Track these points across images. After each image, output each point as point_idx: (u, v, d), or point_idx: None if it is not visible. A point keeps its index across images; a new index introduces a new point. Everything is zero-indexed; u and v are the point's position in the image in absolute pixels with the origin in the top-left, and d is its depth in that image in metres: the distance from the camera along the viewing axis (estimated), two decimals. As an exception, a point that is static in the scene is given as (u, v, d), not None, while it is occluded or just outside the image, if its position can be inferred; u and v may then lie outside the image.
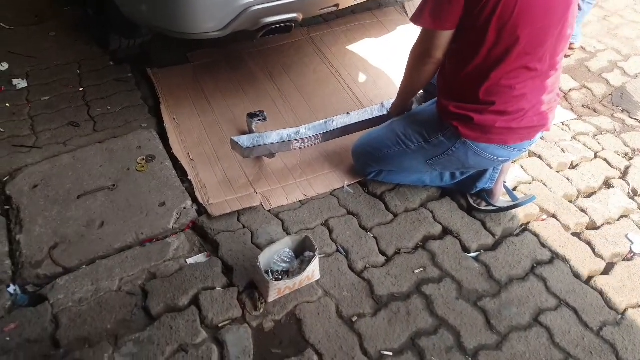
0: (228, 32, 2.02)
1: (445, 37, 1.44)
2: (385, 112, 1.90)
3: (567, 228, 1.79)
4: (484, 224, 1.77)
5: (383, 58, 2.54)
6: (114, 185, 1.89)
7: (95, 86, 2.46)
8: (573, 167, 2.07)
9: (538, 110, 1.50)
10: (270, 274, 1.51)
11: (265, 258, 1.51)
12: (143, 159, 2.00)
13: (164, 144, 2.09)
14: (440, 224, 1.77)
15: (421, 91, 1.81)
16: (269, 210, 1.80)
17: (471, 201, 1.82)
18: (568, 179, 1.99)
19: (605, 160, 2.11)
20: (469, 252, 1.69)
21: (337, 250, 1.67)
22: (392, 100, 1.87)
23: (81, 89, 2.45)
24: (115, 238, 1.70)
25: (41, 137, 2.12)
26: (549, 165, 2.04)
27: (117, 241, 1.69)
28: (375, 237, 1.71)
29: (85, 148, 2.06)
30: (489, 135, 1.50)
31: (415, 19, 1.46)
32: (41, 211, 1.78)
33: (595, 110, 2.41)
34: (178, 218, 1.77)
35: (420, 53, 1.53)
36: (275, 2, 1.94)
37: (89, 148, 2.06)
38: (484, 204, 1.79)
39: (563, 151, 2.10)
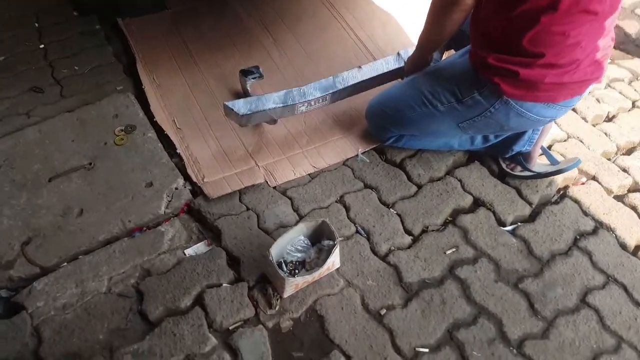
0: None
1: None
2: (403, 64, 1.63)
3: (609, 191, 1.60)
4: (519, 192, 1.57)
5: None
6: (90, 164, 1.63)
7: (59, 42, 2.12)
8: (610, 119, 1.85)
9: (593, 58, 1.26)
10: (283, 265, 1.30)
11: (277, 248, 1.30)
12: (122, 130, 1.72)
13: (145, 110, 1.80)
14: (471, 194, 1.56)
15: None
16: (274, 188, 1.57)
17: (504, 166, 1.60)
18: (606, 134, 1.78)
19: (644, 109, 1.89)
20: (505, 226, 1.50)
21: (357, 232, 1.46)
22: (410, 51, 1.60)
23: (42, 45, 2.11)
24: (99, 228, 1.46)
25: (-1, 107, 1.82)
26: (583, 119, 1.82)
27: (101, 232, 1.45)
28: (398, 214, 1.50)
29: (52, 119, 1.77)
30: (536, 93, 1.26)
31: None
32: (7, 199, 1.52)
33: (628, 52, 2.16)
34: (170, 201, 1.53)
35: None
36: None
37: (57, 119, 1.77)
38: (519, 168, 1.57)
39: (598, 101, 1.88)
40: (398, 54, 1.65)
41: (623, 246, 1.47)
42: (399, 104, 1.50)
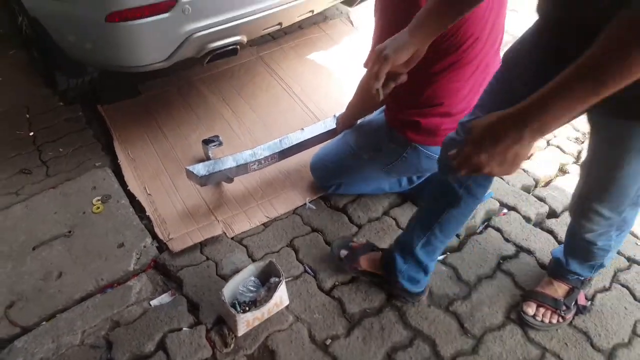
0: (174, 61, 1.98)
1: None
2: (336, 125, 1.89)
3: (528, 219, 1.80)
4: (448, 226, 1.77)
5: (333, 69, 2.53)
6: (69, 232, 1.83)
7: (46, 129, 2.39)
8: (528, 157, 2.08)
9: None
10: (237, 306, 1.47)
11: (230, 290, 1.47)
12: (99, 200, 1.94)
13: (120, 181, 2.03)
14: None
15: None
16: (232, 238, 1.76)
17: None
18: (524, 170, 2.00)
19: (557, 147, 2.13)
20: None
21: (305, 271, 1.64)
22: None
23: (31, 133, 2.37)
24: (75, 288, 1.63)
25: (-9, 189, 2.04)
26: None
27: (77, 291, 1.62)
28: (341, 253, 1.69)
29: (37, 196, 1.99)
30: (436, 138, 1.49)
31: None
32: (-5, 269, 1.71)
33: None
34: (138, 258, 1.72)
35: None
36: (216, 27, 1.91)
37: (41, 195, 1.99)
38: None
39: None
40: (334, 115, 1.92)
41: (542, 266, 1.65)
42: (335, 157, 1.75)
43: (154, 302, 1.58)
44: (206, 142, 2.04)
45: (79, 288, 1.63)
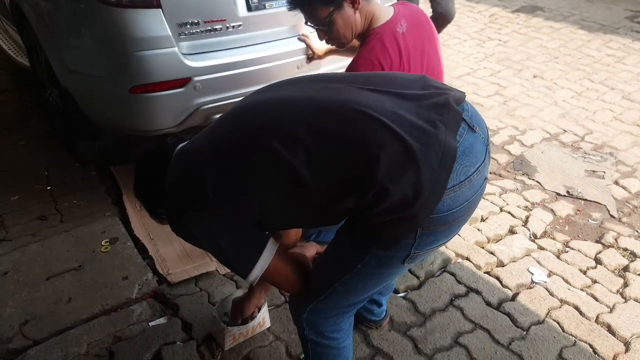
0: (183, 127, 2.38)
1: None
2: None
3: (478, 267, 2.12)
4: (410, 270, 2.07)
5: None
6: (80, 266, 2.09)
7: (62, 184, 2.71)
8: (483, 220, 2.45)
9: None
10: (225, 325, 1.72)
11: (220, 311, 1.72)
12: (107, 241, 2.23)
13: (126, 227, 2.33)
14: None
15: None
16: (224, 275, 2.03)
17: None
18: (479, 229, 2.36)
19: (509, 212, 2.51)
20: (398, 293, 1.97)
21: (286, 301, 1.90)
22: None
23: (48, 187, 2.70)
24: (83, 311, 1.87)
25: (11, 230, 2.32)
26: (461, 219, 2.41)
27: (84, 313, 1.86)
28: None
29: (52, 237, 2.27)
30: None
31: None
32: (11, 294, 1.94)
33: (500, 175, 2.88)
34: (140, 288, 1.97)
35: None
36: (223, 101, 2.34)
37: (56, 237, 2.27)
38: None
39: (472, 207, 2.50)
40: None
41: (488, 303, 1.94)
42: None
43: (152, 323, 1.81)
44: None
45: (86, 311, 1.87)
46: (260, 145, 1.06)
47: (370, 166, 1.00)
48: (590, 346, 1.77)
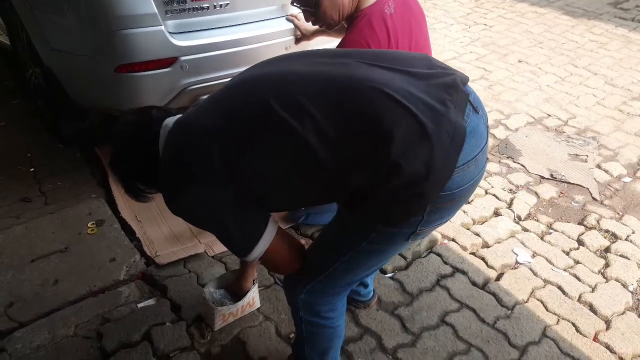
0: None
1: None
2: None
3: (464, 248, 2.15)
4: (396, 250, 2.10)
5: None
6: (66, 248, 2.06)
7: (46, 166, 2.66)
8: (469, 202, 2.49)
9: None
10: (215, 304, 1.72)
11: (209, 293, 1.73)
12: (93, 223, 2.20)
13: (113, 210, 2.30)
14: (361, 253, 2.08)
15: None
16: (212, 257, 2.03)
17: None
18: (464, 212, 2.39)
19: (494, 195, 2.55)
20: (386, 273, 1.99)
21: (275, 282, 1.91)
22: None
23: (32, 169, 2.64)
24: (70, 293, 1.85)
25: (-7, 212, 2.28)
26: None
27: (71, 295, 1.84)
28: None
29: (37, 219, 2.23)
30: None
31: None
32: (-5, 277, 1.91)
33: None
34: (128, 270, 1.96)
35: None
36: (211, 82, 2.31)
37: (41, 219, 2.23)
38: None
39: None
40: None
41: (474, 283, 1.98)
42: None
43: (140, 305, 1.81)
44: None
45: (74, 292, 1.85)
46: (269, 116, 1.04)
47: (383, 142, 1.00)
48: (573, 324, 1.83)
